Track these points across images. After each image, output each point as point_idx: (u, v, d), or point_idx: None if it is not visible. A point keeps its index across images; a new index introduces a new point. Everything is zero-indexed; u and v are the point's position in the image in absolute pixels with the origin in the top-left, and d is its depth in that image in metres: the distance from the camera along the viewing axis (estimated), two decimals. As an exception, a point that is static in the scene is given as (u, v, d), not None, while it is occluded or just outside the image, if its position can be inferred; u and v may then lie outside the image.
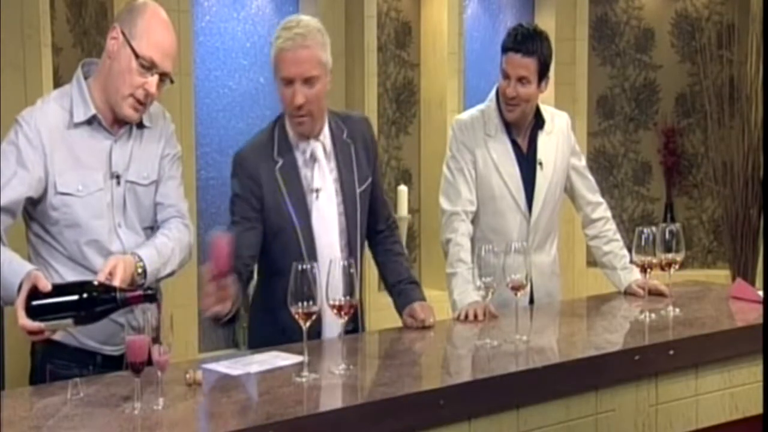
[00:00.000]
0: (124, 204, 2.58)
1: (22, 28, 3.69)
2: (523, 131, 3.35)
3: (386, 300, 3.04)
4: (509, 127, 3.32)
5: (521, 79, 3.19)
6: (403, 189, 5.23)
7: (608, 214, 3.50)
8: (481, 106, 3.39)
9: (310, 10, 4.93)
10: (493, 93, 3.36)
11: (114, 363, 2.54)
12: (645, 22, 6.00)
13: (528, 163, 3.34)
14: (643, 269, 2.96)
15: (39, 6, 3.70)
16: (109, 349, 2.58)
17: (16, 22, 3.67)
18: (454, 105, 5.19)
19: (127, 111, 2.53)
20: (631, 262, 3.08)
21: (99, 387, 2.26)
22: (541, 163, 3.33)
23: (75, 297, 2.25)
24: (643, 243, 2.91)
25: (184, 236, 2.65)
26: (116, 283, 2.30)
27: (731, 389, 2.86)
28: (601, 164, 5.96)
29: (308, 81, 2.70)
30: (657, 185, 6.02)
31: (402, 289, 2.95)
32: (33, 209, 2.53)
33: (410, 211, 5.29)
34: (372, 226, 3.00)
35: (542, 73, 3.23)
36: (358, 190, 2.87)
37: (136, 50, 2.50)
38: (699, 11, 5.95)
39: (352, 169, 2.87)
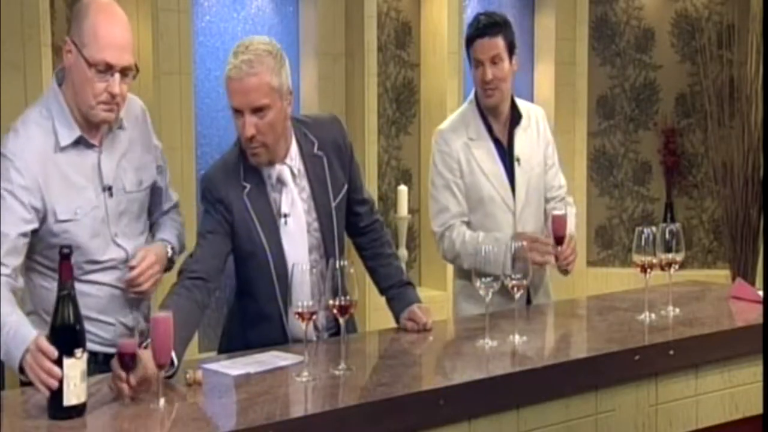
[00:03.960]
0: (118, 214, 2.57)
1: (22, 28, 3.69)
2: (501, 126, 3.34)
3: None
4: (491, 128, 3.33)
5: (494, 60, 3.21)
6: (403, 189, 5.22)
7: (570, 200, 3.49)
8: (460, 110, 3.42)
9: (310, 10, 4.93)
10: (472, 95, 3.38)
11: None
12: (645, 22, 6.00)
13: (510, 159, 3.34)
14: (643, 269, 2.95)
15: (39, 6, 3.70)
16: (110, 349, 2.58)
17: (16, 22, 3.67)
18: (454, 105, 5.17)
19: (103, 115, 2.48)
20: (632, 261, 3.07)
21: (99, 387, 2.25)
22: (518, 159, 3.33)
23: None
24: (643, 243, 2.91)
25: (181, 222, 2.84)
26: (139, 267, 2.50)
27: (731, 389, 2.86)
28: (601, 164, 5.95)
29: (258, 111, 2.54)
30: (657, 185, 6.02)
31: (396, 292, 2.91)
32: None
33: (410, 211, 5.28)
34: (355, 225, 2.92)
35: (511, 51, 3.26)
36: (333, 205, 2.76)
37: (88, 59, 2.42)
38: (699, 11, 5.95)
39: (325, 185, 2.75)
